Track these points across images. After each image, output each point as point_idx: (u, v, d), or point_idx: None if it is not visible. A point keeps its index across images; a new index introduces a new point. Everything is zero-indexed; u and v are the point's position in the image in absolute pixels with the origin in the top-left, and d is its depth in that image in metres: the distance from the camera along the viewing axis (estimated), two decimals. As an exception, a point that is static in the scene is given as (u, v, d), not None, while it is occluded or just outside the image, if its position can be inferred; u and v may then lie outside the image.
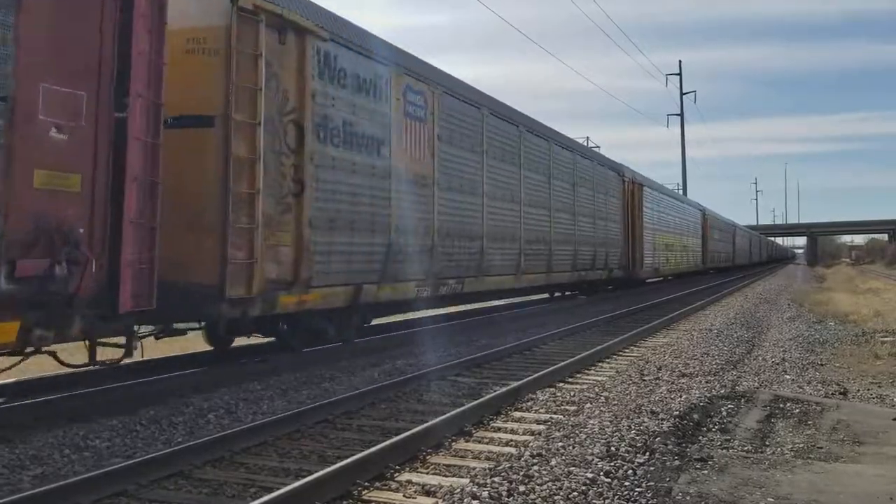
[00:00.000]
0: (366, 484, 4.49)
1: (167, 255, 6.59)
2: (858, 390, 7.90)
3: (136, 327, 6.78)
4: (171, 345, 9.43)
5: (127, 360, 6.74)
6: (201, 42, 7.63)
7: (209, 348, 9.39)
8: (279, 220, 8.14)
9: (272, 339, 9.57)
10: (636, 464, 4.86)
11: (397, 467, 4.84)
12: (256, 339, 9.79)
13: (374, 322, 11.86)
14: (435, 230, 11.45)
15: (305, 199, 8.44)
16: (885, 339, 12.02)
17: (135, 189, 6.08)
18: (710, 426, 6.06)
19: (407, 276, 10.59)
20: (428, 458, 5.13)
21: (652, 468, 4.80)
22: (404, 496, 4.38)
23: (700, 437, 5.71)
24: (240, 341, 9.81)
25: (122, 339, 6.56)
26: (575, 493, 4.28)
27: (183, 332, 8.52)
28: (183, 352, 9.74)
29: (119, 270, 5.95)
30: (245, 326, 8.50)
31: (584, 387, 7.73)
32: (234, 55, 7.56)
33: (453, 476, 4.73)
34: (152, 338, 8.02)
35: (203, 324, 8.63)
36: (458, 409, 6.15)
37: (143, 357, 7.88)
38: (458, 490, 4.29)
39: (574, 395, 7.20)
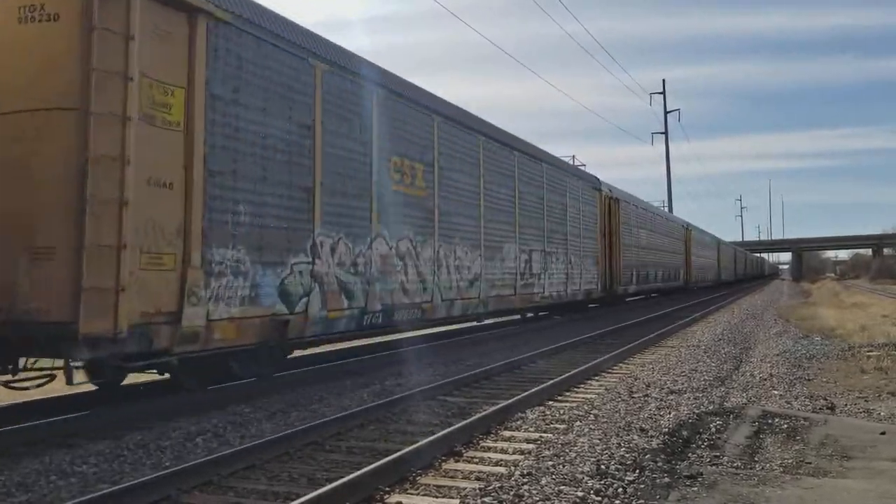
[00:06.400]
0: (356, 506, 4.47)
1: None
2: (846, 405, 7.94)
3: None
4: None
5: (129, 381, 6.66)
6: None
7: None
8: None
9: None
10: (626, 482, 4.86)
11: (387, 489, 4.82)
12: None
13: (374, 340, 12.40)
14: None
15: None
16: (871, 353, 12.10)
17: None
18: (700, 443, 6.08)
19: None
20: (418, 478, 5.11)
21: (642, 486, 4.81)
22: (394, 518, 4.36)
23: (689, 454, 5.72)
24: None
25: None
26: (565, 513, 4.27)
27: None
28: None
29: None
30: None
31: (574, 405, 7.73)
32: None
33: (443, 497, 4.71)
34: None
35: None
36: (448, 429, 6.13)
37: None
38: (449, 511, 4.27)
39: (563, 414, 7.20)
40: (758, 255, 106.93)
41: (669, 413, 7.08)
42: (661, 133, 55.97)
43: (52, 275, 6.22)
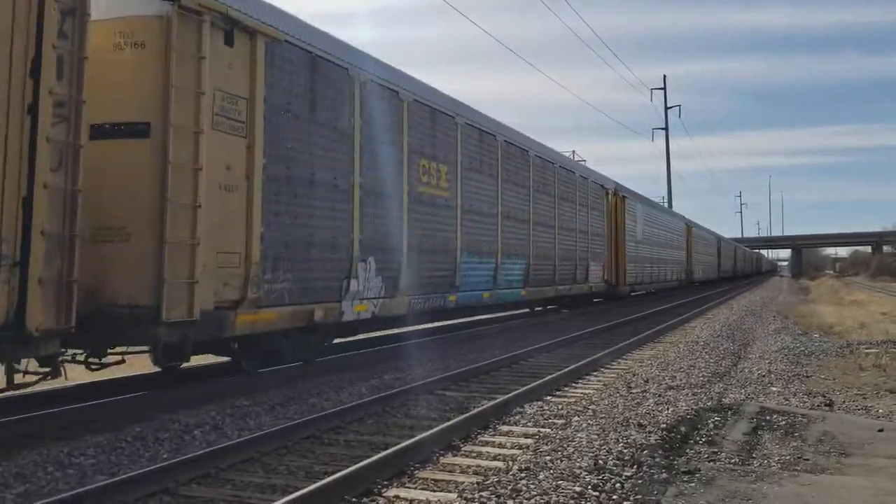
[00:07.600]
0: (353, 500, 4.47)
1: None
2: (844, 402, 7.95)
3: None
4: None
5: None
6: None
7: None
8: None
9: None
10: (624, 477, 4.86)
11: (385, 482, 4.82)
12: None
13: (360, 337, 12.24)
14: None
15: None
16: (870, 350, 12.11)
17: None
18: (698, 439, 6.08)
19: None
20: (416, 472, 5.11)
21: (640, 481, 4.81)
22: (392, 512, 4.36)
23: (687, 450, 5.72)
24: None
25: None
26: (563, 508, 4.27)
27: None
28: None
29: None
30: None
31: (572, 400, 7.74)
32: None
33: (441, 491, 4.71)
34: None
35: None
36: (446, 424, 6.14)
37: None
38: (447, 505, 4.27)
39: (562, 409, 7.20)
40: (756, 251, 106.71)
41: (668, 409, 7.08)
42: (662, 129, 55.98)
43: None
